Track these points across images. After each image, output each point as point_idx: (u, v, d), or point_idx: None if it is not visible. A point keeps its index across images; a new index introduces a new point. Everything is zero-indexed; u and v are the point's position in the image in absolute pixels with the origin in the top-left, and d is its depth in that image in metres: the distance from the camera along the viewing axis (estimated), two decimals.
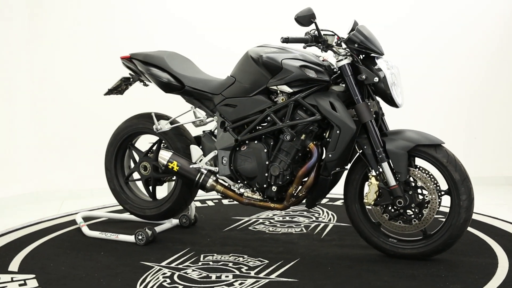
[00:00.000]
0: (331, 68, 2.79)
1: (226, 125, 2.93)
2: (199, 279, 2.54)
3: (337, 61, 2.73)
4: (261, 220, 3.54)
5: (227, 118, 2.91)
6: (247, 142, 2.87)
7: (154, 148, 3.20)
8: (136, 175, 3.31)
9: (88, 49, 4.34)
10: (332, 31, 2.74)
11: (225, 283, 2.50)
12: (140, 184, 3.35)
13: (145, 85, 3.31)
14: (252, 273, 2.62)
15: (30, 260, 2.81)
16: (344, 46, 2.73)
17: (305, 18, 2.64)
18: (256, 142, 2.85)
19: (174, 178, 3.20)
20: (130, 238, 3.08)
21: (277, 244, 3.06)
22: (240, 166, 2.88)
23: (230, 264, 2.73)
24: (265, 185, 2.83)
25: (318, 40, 2.71)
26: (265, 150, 2.81)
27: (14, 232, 3.34)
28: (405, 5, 4.59)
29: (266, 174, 2.82)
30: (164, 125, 3.06)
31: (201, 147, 3.06)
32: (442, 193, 2.69)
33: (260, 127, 2.90)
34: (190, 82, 3.00)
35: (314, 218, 3.58)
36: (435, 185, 2.67)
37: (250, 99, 2.86)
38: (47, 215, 3.76)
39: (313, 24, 2.68)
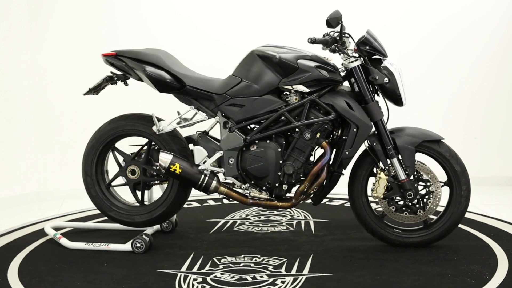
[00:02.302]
0: (337, 68, 2.90)
1: (230, 125, 2.92)
2: (236, 282, 2.54)
3: (348, 62, 2.86)
4: (239, 221, 3.52)
5: (232, 118, 2.91)
6: (256, 142, 2.89)
7: (141, 151, 3.07)
8: (113, 181, 3.14)
9: (88, 49, 4.34)
10: (347, 33, 2.86)
11: (266, 283, 2.52)
12: (120, 189, 3.19)
13: (126, 84, 3.17)
14: (283, 271, 2.66)
15: (30, 278, 2.61)
16: (353, 47, 2.87)
17: (335, 20, 2.77)
18: (268, 141, 2.88)
19: (157, 182, 3.09)
20: (125, 247, 2.95)
21: (277, 242, 3.09)
22: (249, 166, 2.88)
23: (252, 265, 2.74)
24: (277, 184, 2.88)
25: (337, 41, 2.83)
26: (279, 149, 2.85)
27: (14, 232, 3.34)
28: (405, 4, 4.59)
29: (279, 173, 2.86)
30: (166, 126, 2.96)
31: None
32: (442, 184, 2.92)
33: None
34: (191, 81, 2.93)
35: (289, 217, 3.61)
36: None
37: (259, 99, 2.88)
38: (47, 215, 3.76)
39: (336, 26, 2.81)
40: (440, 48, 4.62)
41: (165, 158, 2.87)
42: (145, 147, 3.07)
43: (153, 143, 3.05)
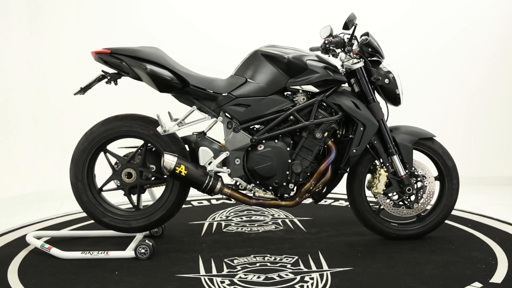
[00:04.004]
0: (338, 69, 2.98)
1: (234, 126, 2.91)
2: (265, 282, 2.56)
3: (352, 63, 2.95)
4: (223, 223, 3.50)
5: (237, 118, 2.91)
6: (263, 142, 2.91)
7: (132, 153, 2.96)
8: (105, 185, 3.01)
9: (88, 49, 4.33)
10: (355, 35, 2.95)
11: (296, 280, 2.57)
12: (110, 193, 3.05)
13: (116, 83, 2.98)
14: (303, 268, 2.72)
15: None
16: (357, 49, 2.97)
17: (351, 23, 2.87)
18: (276, 141, 2.91)
19: (151, 185, 3.01)
20: (128, 254, 2.85)
21: (276, 241, 3.14)
22: (257, 166, 2.90)
23: (269, 264, 2.78)
24: (284, 183, 2.93)
25: (346, 43, 2.94)
26: (288, 149, 2.90)
27: (13, 232, 3.36)
28: (405, 4, 4.60)
29: (288, 172, 2.91)
30: (172, 127, 2.89)
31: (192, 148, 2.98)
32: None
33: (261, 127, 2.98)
34: (194, 81, 2.87)
35: (271, 216, 3.65)
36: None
37: (266, 99, 2.91)
38: (47, 215, 3.77)
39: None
40: (440, 48, 4.64)
41: (170, 160, 2.80)
42: (139, 149, 2.96)
43: (148, 145, 2.96)
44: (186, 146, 3.00)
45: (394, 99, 3.00)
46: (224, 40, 4.51)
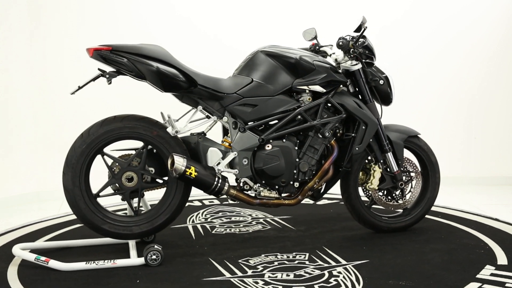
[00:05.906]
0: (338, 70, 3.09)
1: (240, 126, 2.91)
2: (297, 279, 2.57)
3: (351, 65, 3.04)
4: (207, 225, 3.44)
5: (243, 118, 2.91)
6: (271, 141, 2.95)
7: (132, 156, 2.86)
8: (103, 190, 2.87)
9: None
10: (359, 38, 3.04)
11: (326, 276, 2.60)
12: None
13: (110, 82, 2.80)
14: (323, 264, 2.77)
15: None
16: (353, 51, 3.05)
17: (363, 25, 2.94)
18: (284, 140, 2.96)
19: (146, 189, 2.93)
20: (137, 261, 2.72)
21: (275, 240, 3.15)
22: (265, 166, 2.92)
23: (286, 262, 2.79)
24: (291, 182, 2.98)
25: (351, 45, 3.02)
26: (296, 148, 2.95)
27: (13, 232, 3.37)
28: (405, 4, 4.61)
29: (295, 171, 2.96)
30: (183, 128, 2.82)
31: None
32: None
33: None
34: (202, 80, 2.81)
35: (250, 217, 3.66)
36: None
37: (273, 98, 2.93)
38: (47, 215, 3.78)
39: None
40: (440, 48, 4.66)
41: (180, 162, 2.71)
42: (140, 151, 2.87)
43: (149, 147, 2.88)
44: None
45: (386, 99, 3.13)
46: (224, 40, 4.53)
